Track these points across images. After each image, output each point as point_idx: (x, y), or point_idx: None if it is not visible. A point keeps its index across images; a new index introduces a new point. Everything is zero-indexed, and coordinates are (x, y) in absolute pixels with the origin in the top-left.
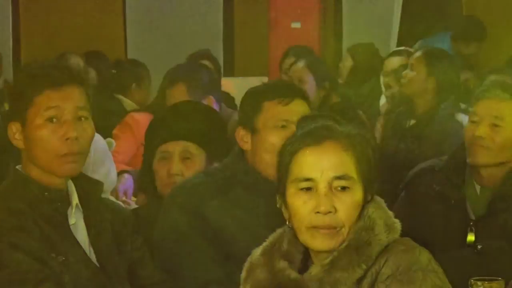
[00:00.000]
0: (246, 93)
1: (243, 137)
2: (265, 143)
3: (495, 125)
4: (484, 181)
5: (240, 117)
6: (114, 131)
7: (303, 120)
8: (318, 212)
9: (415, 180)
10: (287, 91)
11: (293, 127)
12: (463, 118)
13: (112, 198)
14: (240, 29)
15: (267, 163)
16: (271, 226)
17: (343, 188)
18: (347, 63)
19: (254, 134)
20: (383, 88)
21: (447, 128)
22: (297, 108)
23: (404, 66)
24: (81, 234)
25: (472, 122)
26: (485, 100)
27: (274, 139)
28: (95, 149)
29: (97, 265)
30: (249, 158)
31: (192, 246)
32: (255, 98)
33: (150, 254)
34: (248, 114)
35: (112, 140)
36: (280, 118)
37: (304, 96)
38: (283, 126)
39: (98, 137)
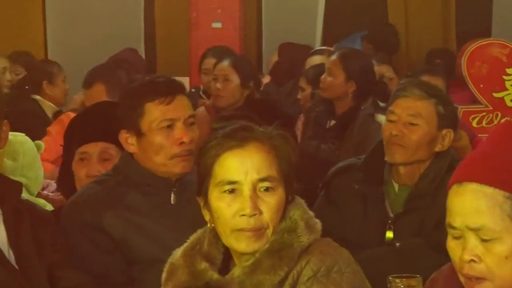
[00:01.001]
0: (125, 95)
1: (127, 140)
2: (153, 145)
3: (412, 124)
4: (402, 179)
5: (122, 120)
6: (48, 128)
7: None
8: (243, 215)
9: (334, 179)
10: (167, 89)
11: (179, 124)
12: (383, 119)
13: (39, 200)
14: (161, 29)
15: (157, 163)
16: (173, 226)
17: (267, 190)
18: (273, 58)
19: (140, 137)
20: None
21: (367, 129)
22: (180, 104)
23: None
24: (0, 236)
25: (389, 121)
26: (401, 98)
27: (162, 139)
28: (23, 152)
29: (16, 267)
30: (139, 159)
31: (96, 263)
32: (135, 100)
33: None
34: (131, 117)
35: (41, 143)
36: (164, 118)
37: (184, 91)
38: (169, 126)
39: (26, 139)
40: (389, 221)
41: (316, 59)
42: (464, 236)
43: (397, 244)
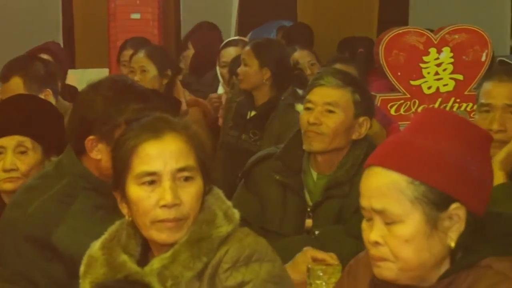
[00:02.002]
0: (97, 99)
1: (94, 146)
2: None
3: (329, 111)
4: (321, 167)
5: (94, 126)
6: None
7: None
8: (163, 206)
9: (253, 169)
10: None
11: None
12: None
13: None
14: (80, 21)
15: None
16: None
17: (186, 179)
18: (190, 51)
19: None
20: (220, 79)
21: (287, 119)
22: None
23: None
24: None
25: (306, 109)
26: (318, 87)
27: None
28: None
29: None
30: (86, 161)
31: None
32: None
33: None
34: (106, 125)
35: None
36: None
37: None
38: None
39: None
40: (308, 210)
41: (230, 50)
42: (372, 218)
43: (316, 232)
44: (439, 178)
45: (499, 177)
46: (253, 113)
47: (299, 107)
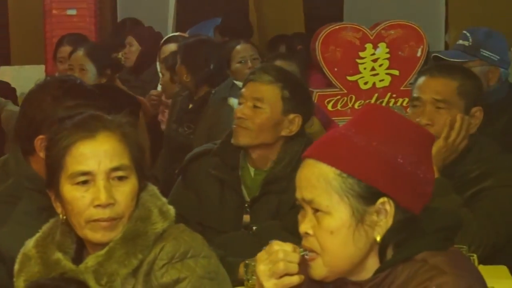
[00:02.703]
0: (46, 98)
1: (43, 147)
2: None
3: (256, 107)
4: (256, 163)
5: (43, 126)
6: None
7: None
8: (98, 205)
9: (191, 164)
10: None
11: None
12: (235, 102)
13: None
14: (15, 16)
15: None
16: None
17: (121, 178)
18: (133, 48)
19: None
20: (160, 75)
21: (218, 113)
22: None
23: None
24: None
25: (239, 103)
26: (250, 82)
27: None
28: None
29: None
30: (35, 162)
31: None
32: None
33: None
34: (55, 125)
35: None
36: None
37: None
38: None
39: None
40: (246, 205)
41: (171, 46)
42: (305, 209)
43: (254, 228)
44: (367, 172)
45: None
46: (190, 106)
47: (231, 101)
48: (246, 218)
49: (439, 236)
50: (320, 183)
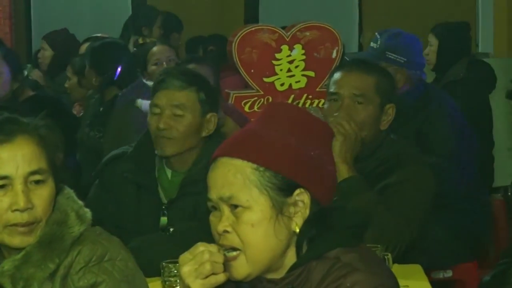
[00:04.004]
0: None
1: None
2: None
3: (177, 115)
4: (175, 166)
5: None
6: None
7: None
8: (16, 210)
9: (107, 168)
10: None
11: None
12: (142, 103)
13: None
14: None
15: None
16: None
17: (38, 182)
18: (47, 52)
19: None
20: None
21: (125, 116)
22: None
23: None
24: None
25: (154, 114)
26: (162, 91)
27: None
28: None
29: None
30: None
31: None
32: None
33: None
34: None
35: None
36: None
37: None
38: None
39: None
40: (163, 207)
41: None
42: (220, 208)
43: (171, 229)
44: (283, 164)
45: (343, 171)
46: (101, 108)
47: (138, 102)
48: (163, 220)
49: (349, 233)
50: (238, 179)
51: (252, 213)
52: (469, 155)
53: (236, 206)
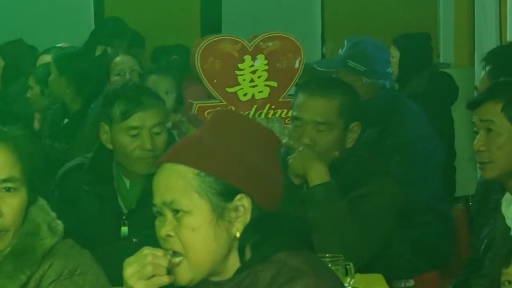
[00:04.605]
0: None
1: None
2: None
3: (156, 134)
4: (131, 176)
5: None
6: None
7: None
8: None
9: (64, 179)
10: None
11: None
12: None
13: None
14: None
15: None
16: None
17: (9, 190)
18: (1, 62)
19: None
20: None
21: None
22: None
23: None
24: None
25: (133, 136)
26: (140, 112)
27: None
28: None
29: None
30: None
31: None
32: None
33: None
34: None
35: None
36: None
37: None
38: None
39: None
40: (123, 217)
41: (47, 58)
42: (164, 213)
43: (134, 239)
44: (224, 169)
45: (317, 176)
46: (66, 120)
47: None
48: (124, 230)
49: (293, 238)
50: (179, 184)
51: (193, 218)
52: (431, 166)
53: (177, 211)
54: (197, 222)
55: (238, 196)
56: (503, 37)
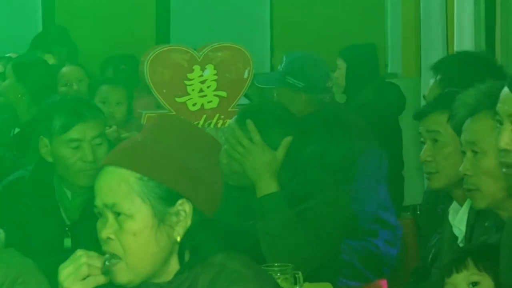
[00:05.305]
0: None
1: None
2: None
3: (98, 144)
4: (73, 187)
5: None
6: None
7: None
8: None
9: (5, 193)
10: None
11: None
12: None
13: None
14: None
15: None
16: None
17: None
18: None
19: None
20: None
21: None
22: None
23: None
24: None
25: (73, 148)
26: (81, 124)
27: None
28: None
29: None
30: None
31: None
32: None
33: None
34: None
35: None
36: None
37: None
38: None
39: None
40: (66, 229)
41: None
42: (105, 215)
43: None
44: (166, 174)
45: (265, 186)
46: (17, 130)
47: None
48: (67, 241)
49: (229, 242)
50: (121, 187)
51: (134, 222)
52: (377, 178)
53: (119, 214)
54: (138, 227)
55: (180, 201)
56: (450, 47)
